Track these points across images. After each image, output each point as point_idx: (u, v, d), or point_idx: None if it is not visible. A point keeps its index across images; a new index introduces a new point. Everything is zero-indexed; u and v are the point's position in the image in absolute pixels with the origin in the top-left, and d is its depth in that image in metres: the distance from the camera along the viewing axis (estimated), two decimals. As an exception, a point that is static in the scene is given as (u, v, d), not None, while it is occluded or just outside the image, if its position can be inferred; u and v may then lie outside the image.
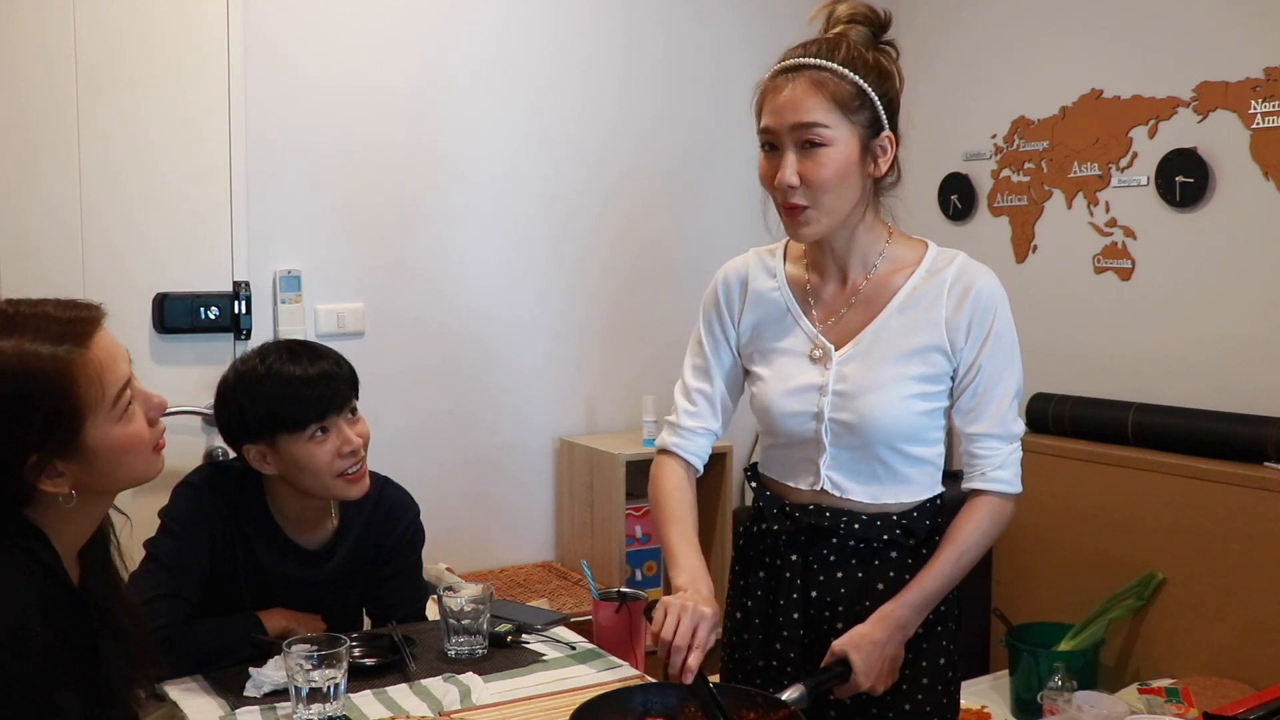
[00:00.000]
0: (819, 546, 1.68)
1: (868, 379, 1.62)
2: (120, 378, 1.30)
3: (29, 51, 2.65)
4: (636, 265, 3.65)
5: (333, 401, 1.87)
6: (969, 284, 1.63)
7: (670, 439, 1.80)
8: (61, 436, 1.26)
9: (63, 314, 1.28)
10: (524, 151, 3.45)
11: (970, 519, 1.65)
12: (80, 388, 1.26)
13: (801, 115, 1.55)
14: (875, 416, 1.61)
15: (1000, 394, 1.64)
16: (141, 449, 1.34)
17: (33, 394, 1.23)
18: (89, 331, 1.28)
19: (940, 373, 1.64)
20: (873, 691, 1.58)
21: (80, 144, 2.72)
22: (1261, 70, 2.86)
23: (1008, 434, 1.65)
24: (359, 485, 1.92)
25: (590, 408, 3.61)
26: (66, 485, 1.28)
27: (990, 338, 1.62)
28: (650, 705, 1.52)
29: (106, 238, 2.75)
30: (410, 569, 2.09)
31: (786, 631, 1.69)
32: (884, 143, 1.61)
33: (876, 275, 1.67)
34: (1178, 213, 3.07)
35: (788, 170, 1.56)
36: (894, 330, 1.64)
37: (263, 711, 1.64)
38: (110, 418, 1.29)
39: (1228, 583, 2.76)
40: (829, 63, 1.56)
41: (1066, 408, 3.18)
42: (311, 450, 1.86)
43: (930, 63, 3.68)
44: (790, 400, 1.67)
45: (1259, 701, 1.61)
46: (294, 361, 1.87)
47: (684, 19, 3.67)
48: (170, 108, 2.80)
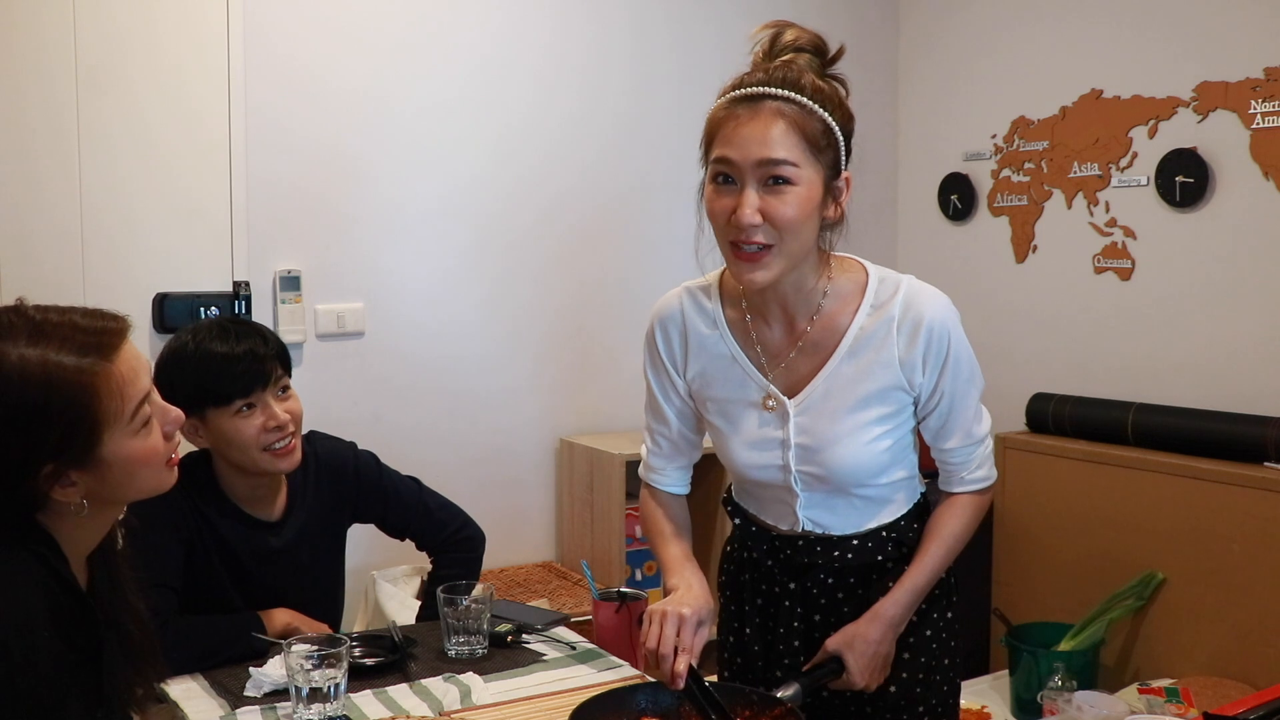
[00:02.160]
0: (816, 572, 1.68)
1: (829, 431, 1.58)
2: (140, 391, 1.30)
3: (29, 51, 2.65)
4: (636, 264, 3.65)
5: (257, 378, 1.91)
6: (918, 319, 1.55)
7: (647, 475, 1.80)
8: (79, 448, 1.26)
9: (90, 324, 1.28)
10: (525, 149, 3.45)
11: (952, 513, 1.66)
12: (101, 401, 1.25)
13: (769, 151, 1.43)
14: (843, 466, 1.59)
15: (964, 410, 1.63)
16: (156, 462, 1.34)
17: (54, 404, 1.23)
18: (115, 344, 1.28)
19: (900, 408, 1.61)
20: (866, 688, 1.59)
21: (80, 144, 2.72)
22: (1261, 70, 2.86)
23: (977, 439, 1.66)
24: (288, 460, 1.95)
25: (590, 408, 3.61)
26: (78, 495, 1.28)
27: (948, 364, 1.58)
28: (650, 705, 1.52)
29: (107, 237, 2.75)
30: (414, 507, 2.15)
31: (788, 660, 1.69)
32: (842, 184, 1.51)
33: (821, 318, 1.58)
34: (1178, 213, 3.07)
35: (747, 209, 1.44)
36: (847, 377, 1.57)
37: (263, 711, 1.64)
38: (128, 431, 1.29)
39: (1228, 583, 2.76)
40: (796, 95, 1.45)
41: (1066, 408, 3.18)
42: (237, 425, 1.90)
43: (930, 62, 3.68)
44: (754, 454, 1.64)
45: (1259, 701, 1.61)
46: (221, 339, 1.91)
47: (684, 12, 3.67)
48: (170, 107, 2.80)
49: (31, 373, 1.22)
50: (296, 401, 1.98)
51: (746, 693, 1.53)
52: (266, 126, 3.05)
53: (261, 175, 3.03)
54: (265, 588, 1.98)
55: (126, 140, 2.76)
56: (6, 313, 1.26)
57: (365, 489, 2.12)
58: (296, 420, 1.96)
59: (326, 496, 2.07)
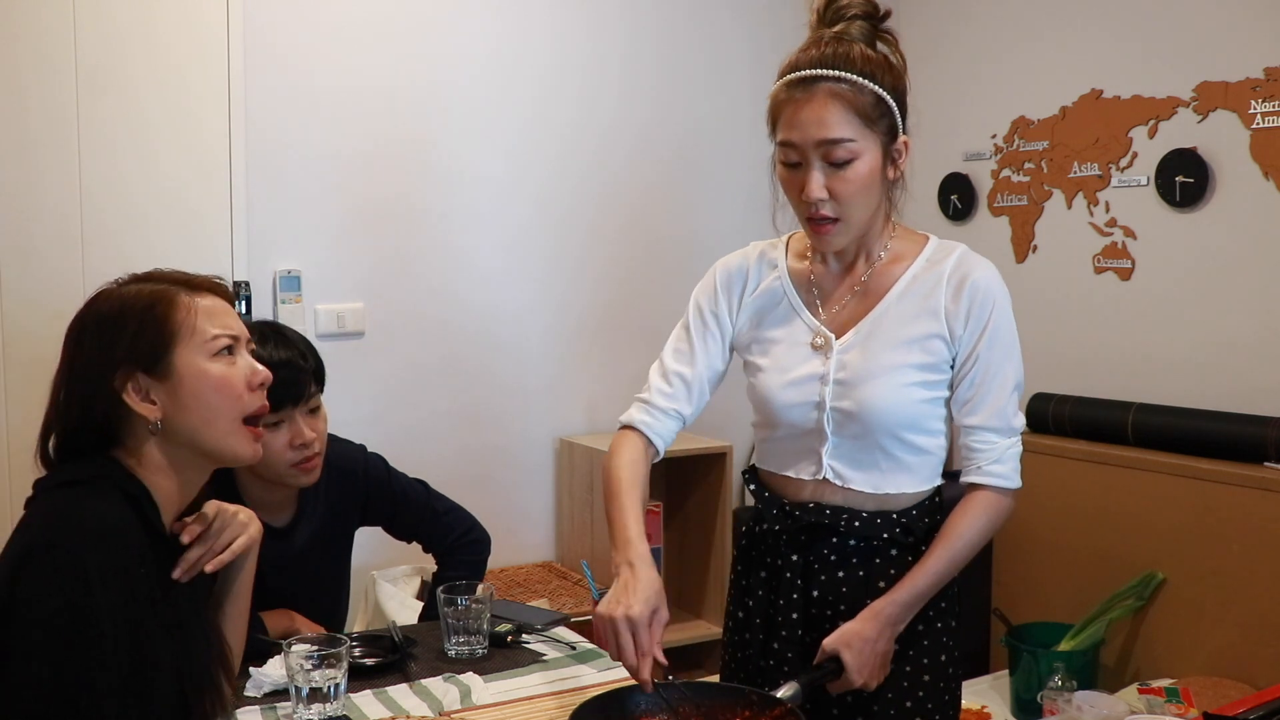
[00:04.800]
0: (819, 546, 1.68)
1: (868, 366, 1.62)
2: (221, 327, 1.41)
3: (29, 51, 2.65)
4: (635, 264, 3.65)
5: (290, 392, 1.88)
6: (966, 273, 1.64)
7: (638, 415, 1.74)
8: (149, 349, 1.36)
9: (191, 275, 1.45)
10: (522, 150, 3.45)
11: (965, 515, 1.64)
12: (175, 314, 1.38)
13: (826, 132, 1.55)
14: (876, 403, 1.61)
15: (998, 386, 1.63)
16: (227, 391, 1.40)
17: (130, 312, 1.38)
18: (204, 285, 1.44)
19: (940, 360, 1.64)
20: (865, 688, 1.58)
21: (80, 144, 2.72)
22: (1261, 70, 2.86)
23: (1006, 427, 1.64)
24: (309, 475, 1.95)
25: (590, 408, 3.61)
26: (155, 414, 1.36)
27: (989, 328, 1.62)
28: (649, 705, 1.51)
29: (107, 237, 2.75)
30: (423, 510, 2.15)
31: (785, 631, 1.69)
32: (900, 146, 1.62)
33: (879, 266, 1.68)
34: (1178, 213, 3.06)
35: (814, 186, 1.57)
36: (893, 318, 1.64)
37: (263, 711, 1.64)
38: (203, 351, 1.39)
39: (1228, 583, 2.76)
40: (846, 74, 1.56)
41: (1066, 408, 3.18)
42: (265, 437, 1.86)
43: (930, 62, 3.68)
44: (791, 391, 1.66)
45: (1259, 701, 1.61)
46: (261, 344, 1.85)
47: (680, 15, 3.67)
48: (170, 107, 2.80)
49: (127, 294, 1.40)
50: (324, 420, 1.97)
51: (746, 693, 1.52)
52: (267, 126, 3.05)
53: (261, 175, 3.03)
54: (273, 591, 1.97)
55: (126, 140, 2.76)
56: (131, 275, 1.45)
57: (374, 492, 2.11)
58: (322, 438, 1.95)
59: (336, 500, 2.06)
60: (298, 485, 1.95)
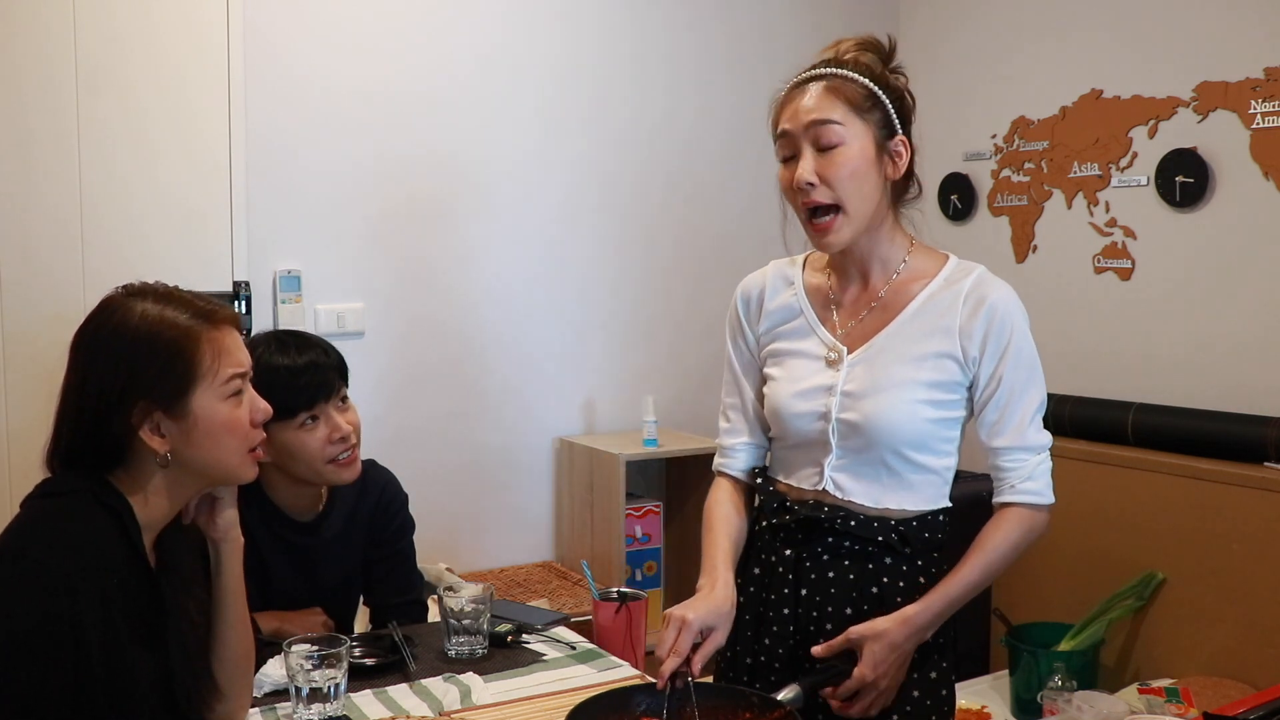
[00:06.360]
0: (814, 544, 1.68)
1: (876, 380, 1.63)
2: (236, 364, 1.42)
3: (29, 51, 2.65)
4: (636, 265, 3.65)
5: (320, 390, 1.90)
6: (984, 295, 1.63)
7: (716, 459, 1.85)
8: (172, 390, 1.37)
9: (205, 302, 1.45)
10: (524, 153, 3.45)
11: (1000, 529, 1.65)
12: (200, 353, 1.39)
13: (815, 114, 1.59)
14: (881, 418, 1.61)
15: (1023, 407, 1.65)
16: (238, 433, 1.42)
17: (160, 343, 1.38)
18: (223, 318, 1.44)
19: (952, 380, 1.64)
20: (864, 685, 1.58)
21: (80, 144, 2.72)
22: (1261, 70, 2.86)
23: (1035, 445, 1.66)
24: (351, 470, 1.95)
25: (590, 408, 3.61)
26: (164, 446, 1.37)
27: (1010, 350, 1.63)
28: (650, 705, 1.52)
29: (107, 238, 2.75)
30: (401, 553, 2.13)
31: (776, 627, 1.69)
32: (898, 146, 1.63)
33: (896, 282, 1.68)
34: (1178, 213, 3.07)
35: (805, 169, 1.59)
36: (907, 335, 1.65)
37: (263, 712, 1.64)
38: (219, 393, 1.40)
39: (1228, 583, 2.76)
40: (838, 70, 1.62)
41: (1066, 408, 3.18)
42: (302, 438, 1.89)
43: (931, 63, 3.69)
44: (799, 401, 1.68)
45: (1259, 701, 1.61)
46: (282, 352, 1.90)
47: (680, 15, 3.67)
48: (170, 108, 2.80)
49: (150, 317, 1.39)
50: (355, 411, 1.98)
51: (746, 695, 1.52)
52: (266, 127, 3.05)
53: (261, 175, 3.03)
54: (284, 595, 1.98)
55: (126, 141, 2.76)
56: (141, 284, 1.45)
57: (388, 504, 2.10)
58: (357, 430, 1.96)
59: (364, 512, 2.07)
60: (339, 482, 1.95)
